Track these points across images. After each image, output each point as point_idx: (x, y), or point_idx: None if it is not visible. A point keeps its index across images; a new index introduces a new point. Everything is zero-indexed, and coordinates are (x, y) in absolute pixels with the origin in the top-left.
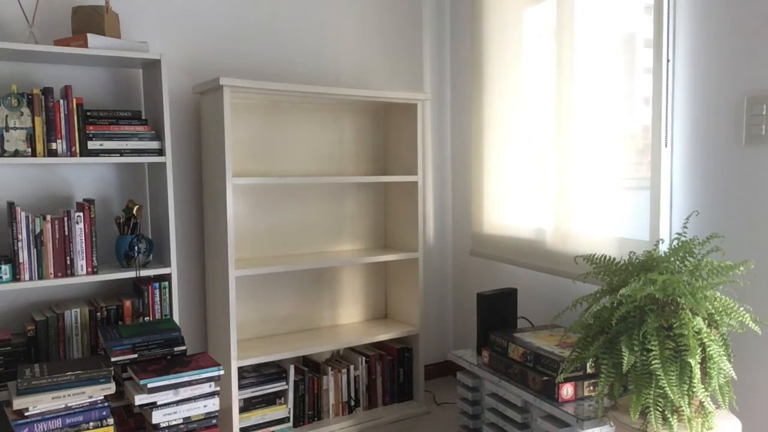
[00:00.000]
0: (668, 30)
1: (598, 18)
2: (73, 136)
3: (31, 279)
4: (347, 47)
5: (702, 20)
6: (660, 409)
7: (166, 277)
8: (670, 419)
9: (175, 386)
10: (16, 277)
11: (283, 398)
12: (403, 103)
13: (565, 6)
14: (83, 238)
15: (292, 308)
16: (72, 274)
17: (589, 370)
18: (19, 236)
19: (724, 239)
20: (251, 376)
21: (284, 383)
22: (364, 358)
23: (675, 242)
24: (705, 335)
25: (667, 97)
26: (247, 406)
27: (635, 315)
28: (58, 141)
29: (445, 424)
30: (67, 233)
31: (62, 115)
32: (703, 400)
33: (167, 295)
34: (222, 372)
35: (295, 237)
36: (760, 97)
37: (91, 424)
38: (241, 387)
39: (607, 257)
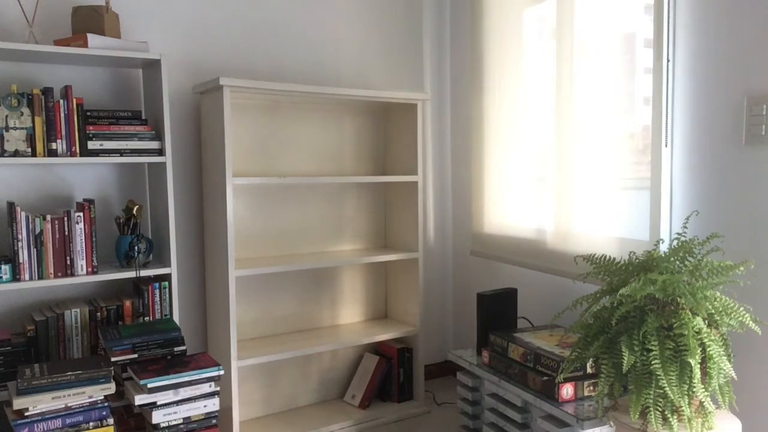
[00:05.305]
0: (668, 30)
1: (598, 18)
2: (73, 136)
3: (31, 279)
4: (347, 47)
5: (702, 20)
6: (660, 409)
7: (166, 277)
8: (670, 419)
9: (175, 386)
10: (16, 277)
11: None
12: (403, 103)
13: (565, 6)
14: (83, 238)
15: (292, 308)
16: (72, 274)
17: (589, 370)
18: (19, 236)
19: (724, 239)
20: None
21: None
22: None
23: (675, 242)
24: (705, 335)
25: (667, 97)
26: None
27: (635, 315)
28: (58, 141)
29: (445, 424)
30: (67, 233)
31: (62, 115)
32: (703, 400)
33: (167, 295)
34: (222, 372)
35: (295, 237)
36: (760, 97)
37: (91, 424)
38: None
39: (607, 257)
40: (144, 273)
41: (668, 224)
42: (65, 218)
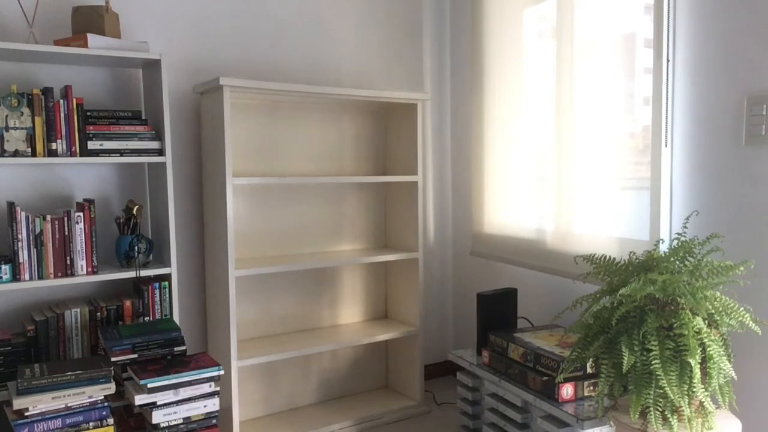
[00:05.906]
0: (668, 30)
1: (598, 18)
2: (73, 136)
3: (31, 279)
4: (347, 47)
5: (702, 20)
6: (660, 409)
7: (166, 277)
8: (670, 419)
9: (175, 386)
10: (16, 277)
11: None
12: (403, 103)
13: (565, 6)
14: (83, 238)
15: (292, 308)
16: (72, 274)
17: (589, 370)
18: (19, 236)
19: (724, 239)
20: None
21: None
22: None
23: (675, 242)
24: (705, 335)
25: (667, 97)
26: None
27: (635, 315)
28: (58, 141)
29: (445, 424)
30: (67, 233)
31: (62, 115)
32: (703, 400)
33: (167, 295)
34: (222, 372)
35: (295, 237)
36: (760, 97)
37: (91, 424)
38: None
39: (607, 257)
40: (144, 273)
41: (668, 224)
42: (65, 218)
